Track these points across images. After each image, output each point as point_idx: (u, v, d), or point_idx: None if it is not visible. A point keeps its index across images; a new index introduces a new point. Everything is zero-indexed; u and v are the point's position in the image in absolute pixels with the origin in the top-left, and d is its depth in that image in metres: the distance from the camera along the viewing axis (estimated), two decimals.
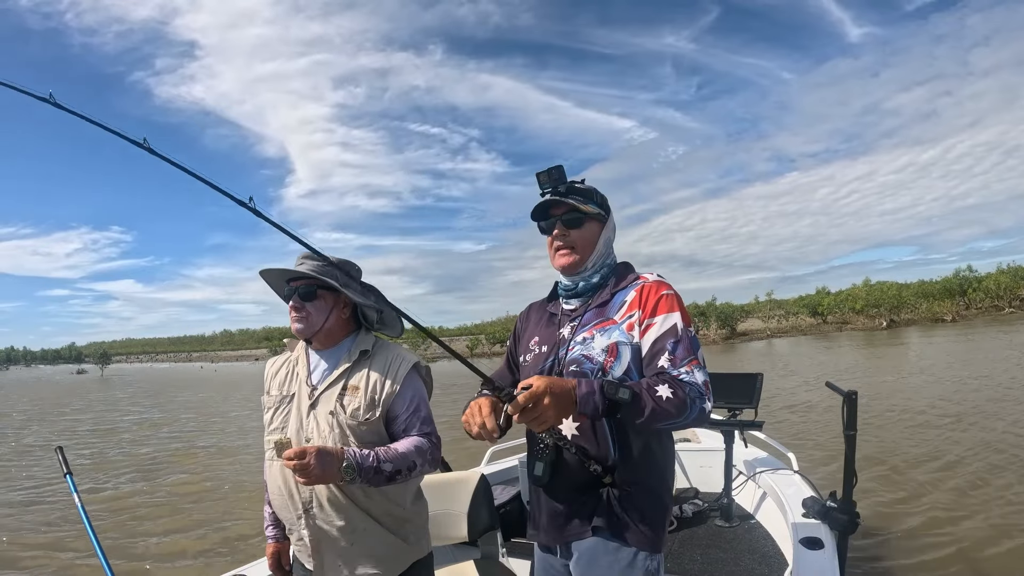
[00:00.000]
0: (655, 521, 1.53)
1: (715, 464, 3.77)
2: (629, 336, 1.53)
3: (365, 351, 1.84)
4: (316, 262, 1.80)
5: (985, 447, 7.39)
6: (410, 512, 1.84)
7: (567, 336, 1.62)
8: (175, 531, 6.55)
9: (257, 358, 70.35)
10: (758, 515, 3.56)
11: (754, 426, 3.52)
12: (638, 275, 1.64)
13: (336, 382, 1.80)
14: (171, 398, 24.90)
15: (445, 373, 30.07)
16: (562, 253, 1.65)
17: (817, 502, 2.86)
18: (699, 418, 1.43)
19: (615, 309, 1.58)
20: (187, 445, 12.31)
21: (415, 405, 1.79)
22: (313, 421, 1.77)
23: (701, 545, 3.28)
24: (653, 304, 1.53)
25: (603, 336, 1.55)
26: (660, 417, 1.38)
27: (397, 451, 1.68)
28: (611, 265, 1.70)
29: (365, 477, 1.61)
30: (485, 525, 2.84)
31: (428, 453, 1.74)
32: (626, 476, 1.51)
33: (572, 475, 1.55)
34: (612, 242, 1.73)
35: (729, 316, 42.72)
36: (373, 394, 1.76)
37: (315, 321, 1.80)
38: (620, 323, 1.55)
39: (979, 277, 42.28)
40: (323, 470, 1.54)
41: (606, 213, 1.69)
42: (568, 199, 1.62)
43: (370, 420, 1.74)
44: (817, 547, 2.53)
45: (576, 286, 1.67)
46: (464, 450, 7.49)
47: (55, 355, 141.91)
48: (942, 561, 4.44)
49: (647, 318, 1.52)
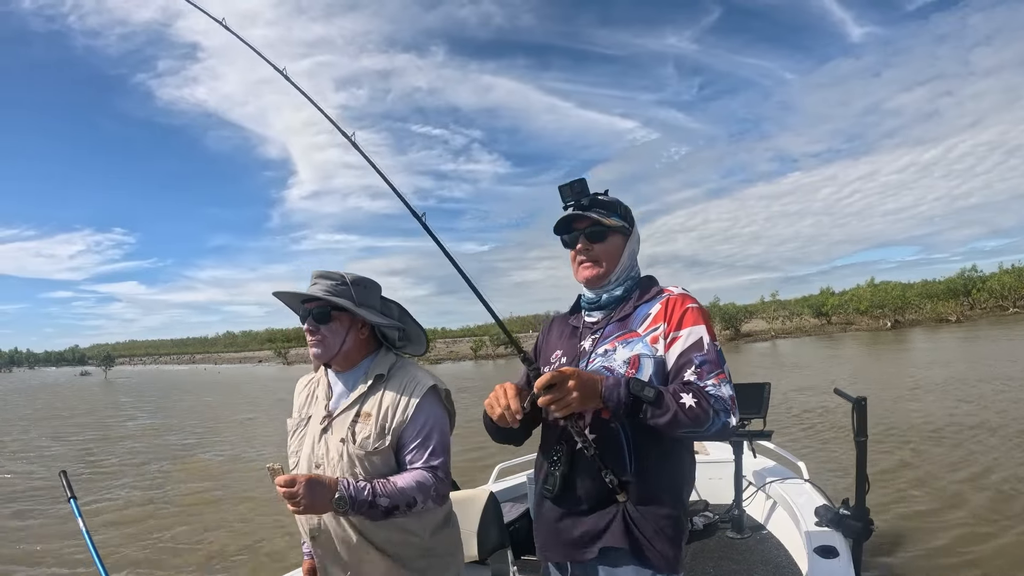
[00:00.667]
0: (672, 540, 1.49)
1: (725, 475, 3.75)
2: (652, 349, 1.51)
3: (380, 375, 1.77)
4: (330, 282, 1.76)
5: (1010, 454, 7.25)
6: (432, 542, 1.77)
7: (588, 348, 1.60)
8: (182, 543, 6.53)
9: (260, 360, 70.34)
10: (770, 525, 3.53)
11: (763, 436, 3.49)
12: (662, 288, 1.63)
13: (350, 408, 1.75)
14: (176, 402, 24.93)
15: (451, 375, 30.14)
16: (586, 266, 1.65)
17: (830, 510, 2.85)
18: (722, 431, 1.42)
19: (638, 322, 1.57)
20: (195, 453, 12.34)
21: (425, 434, 1.72)
22: (324, 447, 1.73)
23: (713, 558, 3.25)
24: (679, 317, 1.52)
25: (625, 348, 1.53)
26: (681, 424, 1.37)
27: (396, 486, 1.63)
28: (635, 278, 1.68)
29: (359, 510, 1.58)
30: (495, 543, 2.82)
31: (432, 489, 1.67)
32: (642, 493, 1.48)
33: (584, 489, 1.52)
34: (636, 255, 1.71)
35: (733, 317, 42.63)
36: (383, 422, 1.70)
37: (331, 344, 1.75)
38: (643, 336, 1.54)
39: (983, 277, 42.19)
40: (312, 500, 1.51)
41: (630, 225, 1.68)
42: (591, 212, 1.61)
43: (379, 450, 1.69)
44: (832, 556, 2.51)
45: (599, 299, 1.66)
46: (471, 469, 7.47)
47: (58, 357, 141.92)
48: (959, 566, 4.41)
49: (672, 331, 1.51)
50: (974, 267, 43.57)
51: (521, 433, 1.68)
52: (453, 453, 1.82)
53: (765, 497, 3.65)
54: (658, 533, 1.47)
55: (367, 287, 1.81)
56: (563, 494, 1.55)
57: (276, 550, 5.92)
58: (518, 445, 1.75)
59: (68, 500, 2.48)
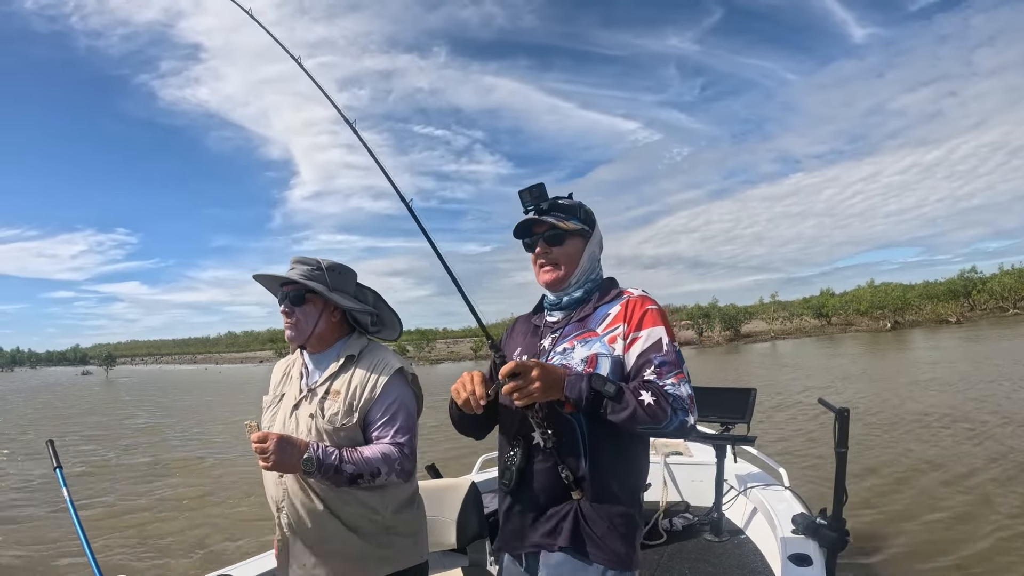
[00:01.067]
0: (625, 538, 1.52)
1: (706, 478, 3.76)
2: (610, 348, 1.55)
3: (351, 356, 1.86)
4: (306, 267, 1.86)
5: (994, 460, 7.22)
6: (393, 520, 1.84)
7: (548, 347, 1.64)
8: (175, 536, 6.57)
9: (262, 360, 70.44)
10: (748, 530, 3.56)
11: (746, 441, 3.52)
12: (622, 290, 1.67)
13: (321, 386, 1.84)
14: (176, 401, 24.97)
15: (450, 375, 30.10)
16: (545, 270, 1.69)
17: (807, 518, 2.85)
18: (679, 429, 1.45)
19: (597, 322, 1.61)
20: (193, 451, 12.37)
21: (391, 412, 1.80)
22: (295, 422, 1.82)
23: (690, 559, 3.28)
24: (638, 318, 1.56)
25: (583, 347, 1.57)
26: (640, 420, 1.41)
27: (362, 455, 1.71)
28: (595, 280, 1.72)
29: (325, 473, 1.66)
30: (474, 533, 2.86)
31: (396, 463, 1.75)
32: (596, 489, 1.52)
33: (540, 484, 1.56)
34: (597, 257, 1.75)
35: (733, 318, 42.62)
36: (352, 399, 1.79)
37: (304, 327, 1.85)
38: (602, 336, 1.57)
39: (984, 278, 42.19)
40: (281, 457, 1.60)
41: (590, 228, 1.71)
42: (548, 217, 1.65)
43: (347, 426, 1.77)
44: (806, 564, 2.53)
45: (560, 301, 1.70)
46: (455, 459, 7.49)
47: (60, 357, 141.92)
48: (937, 571, 4.42)
49: (632, 331, 1.55)
50: (974, 268, 43.68)
51: (483, 425, 1.75)
52: (438, 445, 1.86)
53: (745, 502, 3.67)
54: (611, 530, 1.51)
55: (341, 273, 1.91)
56: (519, 489, 1.59)
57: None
58: (479, 439, 1.82)
59: (54, 469, 2.50)
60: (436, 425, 8.39)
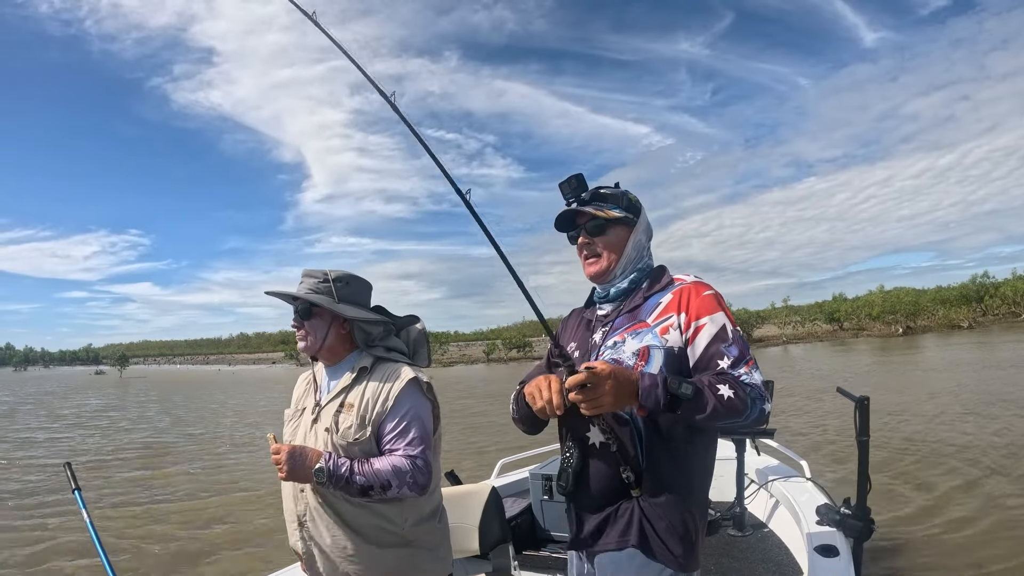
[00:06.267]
0: (684, 538, 1.47)
1: (727, 473, 3.72)
2: (662, 340, 1.49)
3: (365, 368, 1.85)
4: (312, 280, 1.87)
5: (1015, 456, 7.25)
6: (413, 533, 1.81)
7: (599, 341, 1.60)
8: (185, 539, 6.58)
9: (274, 362, 70.62)
10: (771, 524, 3.54)
11: (766, 434, 3.48)
12: (673, 278, 1.61)
13: (335, 399, 1.83)
14: (192, 401, 25.03)
15: (461, 378, 30.03)
16: (589, 262, 1.65)
17: (831, 509, 2.82)
18: (759, 419, 1.40)
19: (648, 312, 1.55)
20: (205, 449, 12.40)
21: (404, 424, 1.76)
22: (314, 436, 1.82)
23: (714, 555, 3.26)
24: (697, 306, 1.50)
25: (634, 340, 1.52)
26: (721, 416, 1.35)
27: (372, 467, 1.70)
28: (643, 269, 1.66)
29: (336, 484, 1.67)
30: (497, 538, 2.84)
31: (408, 476, 1.71)
32: (654, 487, 1.47)
33: (598, 484, 1.53)
34: (644, 244, 1.68)
35: (744, 322, 42.39)
36: (364, 412, 1.77)
37: (314, 340, 1.85)
38: (653, 327, 1.51)
39: (996, 283, 41.79)
40: (293, 466, 1.66)
41: (635, 216, 1.65)
42: (588, 207, 1.61)
43: (360, 440, 1.75)
44: (832, 555, 2.50)
45: (607, 292, 1.65)
46: (476, 464, 7.55)
47: (72, 356, 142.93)
48: (960, 569, 4.43)
49: (693, 321, 1.48)
50: (987, 273, 43.20)
51: (543, 425, 1.69)
52: (456, 449, 1.87)
53: (767, 495, 3.66)
54: (670, 530, 1.46)
55: (349, 283, 1.89)
56: (576, 490, 1.56)
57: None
58: (535, 434, 1.77)
59: (73, 491, 2.50)
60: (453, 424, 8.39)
